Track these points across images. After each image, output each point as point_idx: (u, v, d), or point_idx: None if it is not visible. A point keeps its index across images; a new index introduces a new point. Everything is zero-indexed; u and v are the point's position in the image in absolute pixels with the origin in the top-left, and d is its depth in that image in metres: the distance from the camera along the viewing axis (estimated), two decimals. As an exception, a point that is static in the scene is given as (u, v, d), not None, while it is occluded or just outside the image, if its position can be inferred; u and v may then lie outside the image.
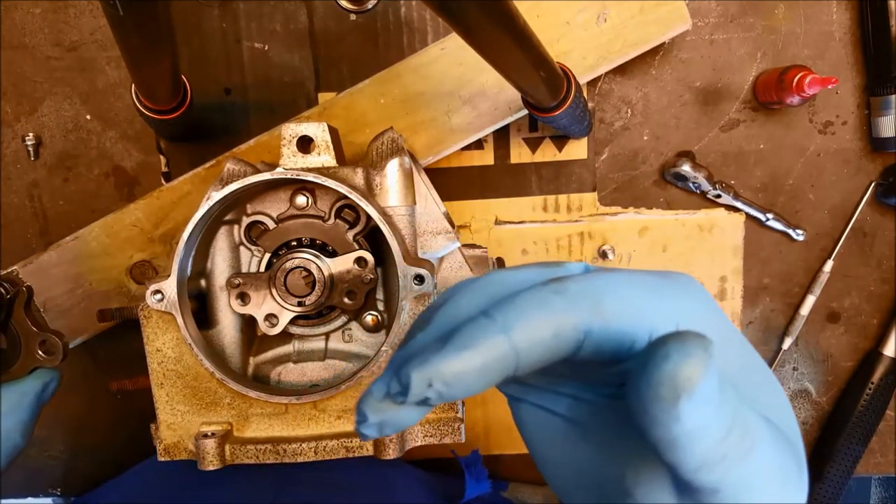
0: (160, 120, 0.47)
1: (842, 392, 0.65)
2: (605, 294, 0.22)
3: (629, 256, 0.62)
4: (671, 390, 0.19)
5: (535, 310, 0.21)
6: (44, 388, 0.37)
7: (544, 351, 0.21)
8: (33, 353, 0.39)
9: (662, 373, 0.19)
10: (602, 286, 0.22)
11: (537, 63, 0.37)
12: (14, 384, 0.36)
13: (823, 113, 0.60)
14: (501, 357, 0.21)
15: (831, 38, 0.59)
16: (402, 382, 0.21)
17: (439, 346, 0.21)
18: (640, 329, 0.22)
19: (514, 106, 0.53)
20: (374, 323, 0.44)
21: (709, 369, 0.19)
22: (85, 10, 0.57)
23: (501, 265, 0.47)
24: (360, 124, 0.53)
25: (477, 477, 0.56)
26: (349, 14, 0.57)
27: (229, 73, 0.58)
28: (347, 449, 0.40)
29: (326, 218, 0.43)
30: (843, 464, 0.63)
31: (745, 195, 0.61)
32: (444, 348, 0.21)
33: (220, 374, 0.40)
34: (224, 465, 0.39)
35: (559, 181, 0.61)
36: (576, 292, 0.22)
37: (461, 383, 0.21)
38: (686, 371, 0.19)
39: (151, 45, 0.35)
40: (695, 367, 0.19)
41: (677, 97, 0.60)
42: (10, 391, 0.35)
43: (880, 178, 0.61)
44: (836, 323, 0.64)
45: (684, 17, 0.53)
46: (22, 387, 0.36)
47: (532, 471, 0.67)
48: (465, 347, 0.21)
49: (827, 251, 0.62)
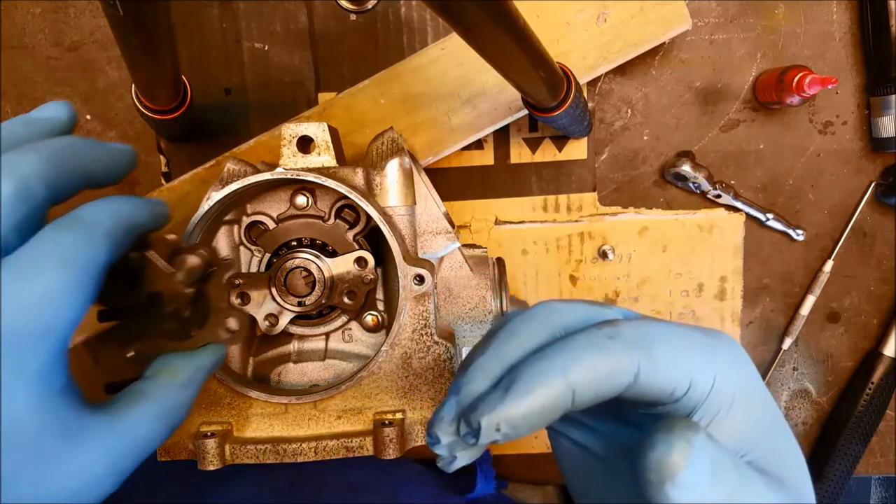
0: (160, 120, 0.47)
1: (842, 392, 0.65)
2: (656, 343, 0.24)
3: (629, 256, 0.62)
4: (657, 475, 0.22)
5: (593, 352, 0.24)
6: (214, 364, 0.35)
7: (598, 391, 0.24)
8: (216, 328, 0.36)
9: (650, 460, 0.22)
10: (653, 335, 0.25)
11: (537, 63, 0.37)
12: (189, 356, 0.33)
13: (823, 113, 0.60)
14: (560, 397, 0.23)
15: (831, 38, 0.59)
16: (473, 427, 0.24)
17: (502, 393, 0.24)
18: (683, 378, 0.24)
19: (514, 106, 0.53)
20: (374, 323, 0.44)
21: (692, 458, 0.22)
22: (85, 10, 0.57)
23: (501, 265, 0.47)
24: (360, 124, 0.53)
25: (486, 475, 0.56)
26: (349, 14, 0.57)
27: (229, 73, 0.58)
28: (347, 449, 0.40)
29: (326, 218, 0.43)
30: (843, 464, 0.63)
31: (745, 195, 0.61)
32: (508, 395, 0.23)
33: (220, 374, 0.40)
34: (224, 465, 0.39)
35: (559, 181, 0.61)
36: (629, 338, 0.24)
37: (526, 424, 0.23)
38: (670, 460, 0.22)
39: (151, 45, 0.35)
40: (677, 456, 0.22)
41: (677, 97, 0.60)
42: (187, 364, 0.32)
43: (880, 178, 0.61)
44: (836, 323, 0.64)
45: (684, 17, 0.53)
46: (197, 360, 0.33)
47: (532, 471, 0.67)
48: (528, 392, 0.23)
49: (827, 251, 0.62)
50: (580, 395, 0.24)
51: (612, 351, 0.24)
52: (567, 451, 0.31)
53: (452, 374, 0.41)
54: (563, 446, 0.31)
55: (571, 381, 0.23)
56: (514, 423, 0.23)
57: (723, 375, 0.25)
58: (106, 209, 0.27)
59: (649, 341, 0.24)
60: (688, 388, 0.24)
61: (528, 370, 0.24)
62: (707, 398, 0.24)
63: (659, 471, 0.22)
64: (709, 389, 0.24)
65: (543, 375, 0.23)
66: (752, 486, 0.24)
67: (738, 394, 0.25)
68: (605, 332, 0.24)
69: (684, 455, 0.22)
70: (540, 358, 0.24)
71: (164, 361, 0.32)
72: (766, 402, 0.26)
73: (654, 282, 0.62)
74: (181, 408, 0.31)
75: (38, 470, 0.24)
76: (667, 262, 0.62)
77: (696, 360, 0.24)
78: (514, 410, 0.23)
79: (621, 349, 0.24)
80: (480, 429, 0.23)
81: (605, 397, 0.24)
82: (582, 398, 0.24)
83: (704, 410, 0.25)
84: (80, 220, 0.26)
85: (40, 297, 0.23)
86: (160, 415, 0.29)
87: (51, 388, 0.24)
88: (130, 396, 0.29)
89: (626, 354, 0.24)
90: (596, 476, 0.29)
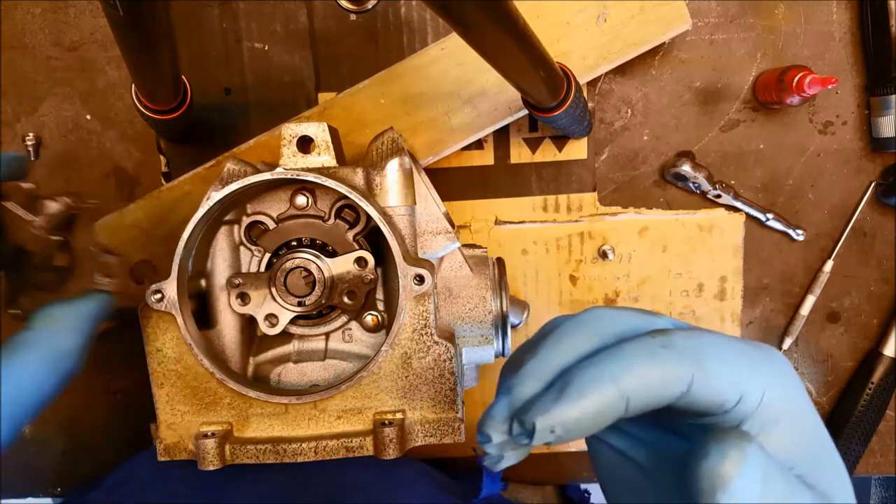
0: (160, 120, 0.47)
1: (842, 392, 0.65)
2: (709, 354, 0.25)
3: (629, 256, 0.62)
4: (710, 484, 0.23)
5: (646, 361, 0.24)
6: (98, 311, 0.35)
7: (650, 399, 0.24)
8: (90, 275, 0.36)
9: (703, 469, 0.23)
10: (706, 346, 0.25)
11: (537, 63, 0.37)
12: (69, 304, 0.34)
13: (823, 113, 0.60)
14: (613, 403, 0.24)
15: (831, 38, 0.59)
16: (527, 428, 0.24)
17: (556, 395, 0.24)
18: (733, 391, 0.25)
19: (514, 106, 0.53)
20: (374, 323, 0.44)
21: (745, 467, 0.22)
22: (85, 10, 0.57)
23: (501, 265, 0.47)
24: (360, 124, 0.53)
25: (492, 477, 0.56)
26: (349, 14, 0.57)
27: (229, 73, 0.58)
28: (347, 449, 0.40)
29: (326, 218, 0.43)
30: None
31: (745, 195, 0.61)
32: (562, 397, 0.24)
33: (220, 374, 0.40)
34: (224, 465, 0.39)
35: (559, 181, 0.61)
36: (683, 348, 0.25)
37: (579, 428, 0.24)
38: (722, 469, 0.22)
39: (151, 45, 0.35)
40: (730, 466, 0.22)
41: (677, 97, 0.60)
42: (67, 312, 0.33)
43: (880, 178, 0.61)
44: (836, 323, 0.64)
45: (684, 17, 0.53)
46: (77, 308, 0.34)
47: (532, 471, 0.67)
48: (581, 397, 0.24)
49: (827, 251, 0.62)
50: (633, 402, 0.24)
51: (666, 360, 0.24)
52: (607, 458, 0.31)
53: (452, 373, 0.41)
54: (604, 454, 0.31)
55: (624, 388, 0.24)
56: (568, 425, 0.24)
57: (772, 390, 0.25)
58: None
59: (702, 352, 0.25)
60: (738, 401, 0.25)
61: (582, 375, 0.24)
62: (756, 411, 0.25)
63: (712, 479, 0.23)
64: (758, 402, 0.25)
65: (597, 381, 0.24)
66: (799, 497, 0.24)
67: (786, 408, 0.25)
68: (659, 341, 0.25)
69: (737, 464, 0.22)
70: (594, 363, 0.25)
71: (45, 311, 0.33)
72: (812, 419, 0.27)
73: (654, 282, 0.62)
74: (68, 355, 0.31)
75: None
76: (667, 262, 0.62)
77: (747, 374, 0.25)
78: (569, 413, 0.24)
79: (675, 359, 0.24)
80: (535, 429, 0.24)
81: (657, 405, 0.25)
82: (635, 405, 0.24)
83: (752, 423, 0.25)
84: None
85: None
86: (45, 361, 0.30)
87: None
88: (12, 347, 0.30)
89: (679, 364, 0.24)
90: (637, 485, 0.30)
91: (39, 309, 0.33)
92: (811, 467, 0.26)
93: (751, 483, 0.22)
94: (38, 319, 0.32)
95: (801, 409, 0.26)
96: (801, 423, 0.26)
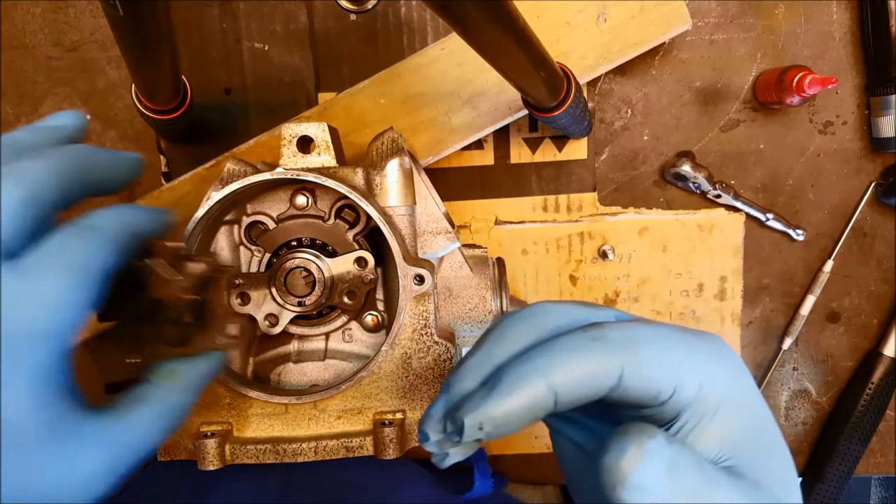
0: (160, 120, 0.47)
1: (842, 392, 0.65)
2: (641, 344, 0.25)
3: (629, 256, 0.62)
4: (610, 479, 0.23)
5: (575, 355, 0.24)
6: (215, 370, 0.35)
7: (581, 392, 0.24)
8: (216, 335, 0.36)
9: (603, 464, 0.23)
10: (639, 336, 0.25)
11: (537, 63, 0.37)
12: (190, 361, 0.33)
13: (823, 113, 0.60)
14: (542, 398, 0.24)
15: (831, 38, 0.59)
16: (457, 425, 0.24)
17: (486, 393, 0.24)
18: (667, 382, 0.24)
19: (514, 106, 0.53)
20: (374, 323, 0.44)
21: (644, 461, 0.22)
22: (85, 10, 0.57)
23: (501, 265, 0.47)
24: (360, 124, 0.53)
25: (483, 473, 0.57)
26: (349, 14, 0.57)
27: (229, 73, 0.58)
28: (347, 449, 0.40)
29: (326, 218, 0.43)
30: (843, 464, 0.63)
31: (745, 195, 0.61)
32: (491, 395, 0.24)
33: (221, 375, 0.40)
34: (224, 465, 0.39)
35: (559, 181, 0.61)
36: (614, 340, 0.25)
37: (508, 424, 0.24)
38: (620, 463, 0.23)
39: (151, 45, 0.35)
40: (628, 460, 0.23)
41: (677, 97, 0.60)
42: (188, 369, 0.33)
43: (880, 178, 0.61)
44: (836, 323, 0.64)
45: (684, 17, 0.53)
46: (198, 366, 0.33)
47: (532, 471, 0.67)
48: (509, 393, 0.24)
49: (827, 251, 0.62)
50: (563, 397, 0.24)
51: (595, 353, 0.24)
52: (566, 450, 0.31)
53: (452, 374, 0.41)
54: (563, 445, 0.31)
55: (553, 382, 0.24)
56: (497, 422, 0.24)
57: (710, 380, 0.25)
58: (113, 217, 0.28)
59: (635, 344, 0.24)
60: (672, 393, 0.24)
61: (512, 371, 0.24)
62: (692, 403, 0.25)
63: (611, 474, 0.23)
64: (694, 394, 0.25)
65: (525, 377, 0.24)
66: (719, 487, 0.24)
67: (726, 399, 0.25)
68: (590, 334, 0.25)
69: (636, 459, 0.22)
70: (524, 360, 0.25)
71: (166, 366, 0.33)
72: (755, 408, 0.26)
73: (654, 282, 0.62)
74: (180, 412, 0.31)
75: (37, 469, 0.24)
76: (667, 262, 0.62)
77: (683, 365, 0.25)
78: (496, 410, 0.24)
79: (604, 351, 0.24)
80: (464, 427, 0.24)
81: (590, 399, 0.25)
82: (564, 399, 0.24)
83: (689, 415, 0.25)
84: (89, 227, 0.27)
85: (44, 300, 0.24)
86: (159, 418, 0.30)
87: (51, 388, 0.24)
88: (130, 399, 0.29)
89: (609, 357, 0.24)
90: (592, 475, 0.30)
91: (162, 363, 0.33)
92: (750, 458, 0.25)
93: (652, 477, 0.22)
94: (160, 374, 0.32)
95: (742, 399, 0.26)
96: (742, 413, 0.26)
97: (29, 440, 0.24)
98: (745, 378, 0.26)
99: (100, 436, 0.26)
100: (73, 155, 0.28)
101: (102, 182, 0.30)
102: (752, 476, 0.25)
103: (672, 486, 0.23)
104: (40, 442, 0.24)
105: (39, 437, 0.24)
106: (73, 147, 0.29)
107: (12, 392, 0.23)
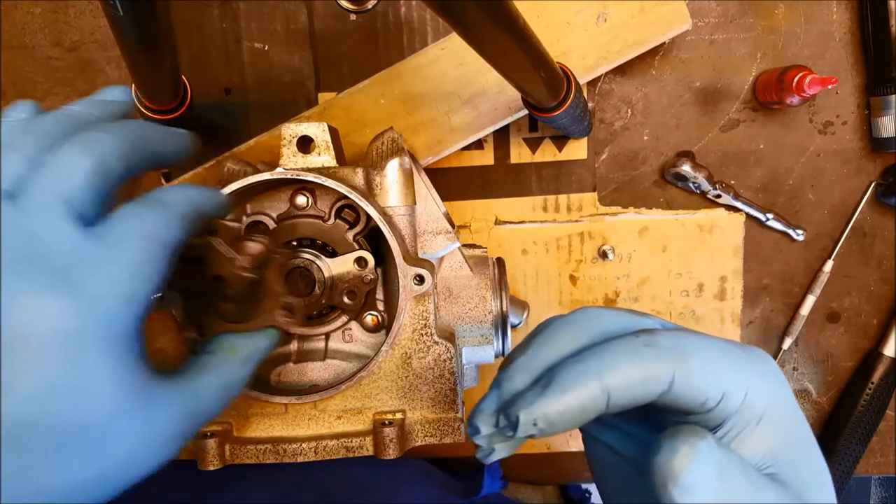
0: (160, 120, 0.47)
1: (842, 392, 0.65)
2: (691, 353, 0.25)
3: (629, 256, 0.62)
4: (661, 478, 0.23)
5: (628, 359, 0.25)
6: (270, 347, 0.36)
7: (633, 395, 0.25)
8: (273, 312, 0.37)
9: (654, 463, 0.24)
10: (690, 345, 0.26)
11: (537, 63, 0.37)
12: (248, 336, 0.35)
13: (823, 113, 0.60)
14: (595, 399, 0.24)
15: (831, 38, 0.59)
16: (511, 421, 0.25)
17: (540, 390, 0.25)
18: (715, 390, 0.25)
19: (514, 106, 0.53)
20: (374, 323, 0.44)
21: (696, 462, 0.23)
22: (85, 10, 0.57)
23: (501, 265, 0.47)
24: (360, 124, 0.53)
25: (493, 475, 0.57)
26: (349, 14, 0.57)
27: (229, 73, 0.58)
28: (348, 449, 0.40)
29: (326, 218, 0.43)
30: (843, 464, 0.63)
31: (745, 195, 0.61)
32: (546, 392, 0.25)
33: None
34: (224, 465, 0.39)
35: (559, 181, 0.61)
36: (665, 347, 0.25)
37: (561, 422, 0.25)
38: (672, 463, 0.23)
39: (151, 45, 0.35)
40: (680, 460, 0.23)
41: (677, 97, 0.60)
42: (246, 343, 0.34)
43: (880, 178, 0.61)
44: (836, 323, 0.64)
45: (684, 17, 0.53)
46: (255, 342, 0.34)
47: (532, 471, 0.67)
48: (564, 392, 0.25)
49: (827, 251, 0.62)
50: (615, 399, 0.25)
51: (648, 359, 0.25)
52: (601, 453, 0.32)
53: (452, 373, 0.41)
54: (597, 449, 0.32)
55: (606, 384, 0.24)
56: (551, 419, 0.24)
57: (755, 390, 0.25)
58: (181, 194, 0.30)
59: (685, 352, 0.25)
60: (720, 400, 0.25)
61: (566, 371, 0.25)
62: (738, 411, 0.25)
63: (663, 473, 0.23)
64: (740, 403, 0.25)
65: (580, 377, 0.25)
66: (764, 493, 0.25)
67: (769, 409, 0.26)
68: (643, 339, 0.25)
69: (687, 459, 0.23)
70: (579, 360, 0.25)
71: (225, 340, 0.34)
72: (795, 419, 0.27)
73: (654, 282, 0.62)
74: (239, 384, 0.32)
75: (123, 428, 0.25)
76: (667, 262, 0.62)
77: (730, 374, 0.25)
78: (551, 407, 0.24)
79: (656, 357, 0.25)
80: (518, 422, 0.24)
81: (640, 402, 0.25)
82: (616, 401, 0.25)
83: (734, 422, 0.25)
84: (160, 202, 0.28)
85: (127, 265, 0.25)
86: (222, 388, 0.31)
87: (132, 351, 0.26)
88: (195, 368, 0.30)
89: (660, 363, 0.25)
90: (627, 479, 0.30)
91: (219, 336, 0.34)
92: (790, 467, 0.26)
93: (703, 478, 0.23)
94: (219, 346, 0.33)
95: (784, 410, 0.27)
96: (784, 423, 0.26)
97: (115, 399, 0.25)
98: (786, 391, 0.27)
99: (175, 399, 0.27)
100: (136, 128, 0.29)
101: (160, 155, 0.31)
102: (793, 485, 0.26)
103: (721, 488, 0.23)
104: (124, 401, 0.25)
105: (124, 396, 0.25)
106: (133, 121, 0.30)
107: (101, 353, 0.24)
